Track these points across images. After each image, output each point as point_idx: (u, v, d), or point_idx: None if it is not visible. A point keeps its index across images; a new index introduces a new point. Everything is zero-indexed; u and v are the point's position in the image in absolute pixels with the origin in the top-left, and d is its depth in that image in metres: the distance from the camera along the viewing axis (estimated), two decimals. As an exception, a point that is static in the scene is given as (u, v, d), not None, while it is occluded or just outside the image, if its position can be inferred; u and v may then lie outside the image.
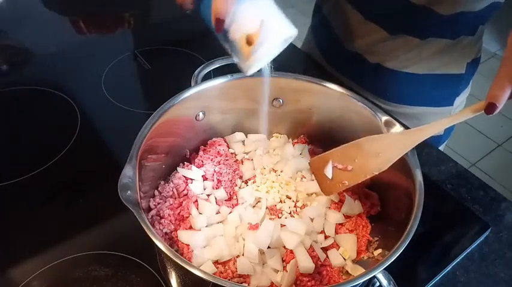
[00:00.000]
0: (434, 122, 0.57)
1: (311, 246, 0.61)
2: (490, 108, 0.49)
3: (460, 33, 0.82)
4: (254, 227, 0.61)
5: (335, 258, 0.60)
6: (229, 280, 0.57)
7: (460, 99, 0.93)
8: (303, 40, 1.11)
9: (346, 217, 0.65)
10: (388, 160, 0.58)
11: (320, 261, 0.60)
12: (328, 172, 0.63)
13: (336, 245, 0.63)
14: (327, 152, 0.64)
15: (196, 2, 0.50)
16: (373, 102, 0.67)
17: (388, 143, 0.59)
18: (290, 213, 0.65)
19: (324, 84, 0.68)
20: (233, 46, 0.48)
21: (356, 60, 0.91)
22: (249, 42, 0.46)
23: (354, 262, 0.61)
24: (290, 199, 0.67)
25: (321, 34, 1.03)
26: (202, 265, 0.57)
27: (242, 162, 0.73)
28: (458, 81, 0.90)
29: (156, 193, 0.65)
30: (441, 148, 1.01)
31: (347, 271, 0.60)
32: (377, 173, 0.59)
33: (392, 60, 0.88)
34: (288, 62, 1.00)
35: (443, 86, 0.90)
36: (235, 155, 0.74)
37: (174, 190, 0.66)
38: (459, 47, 0.84)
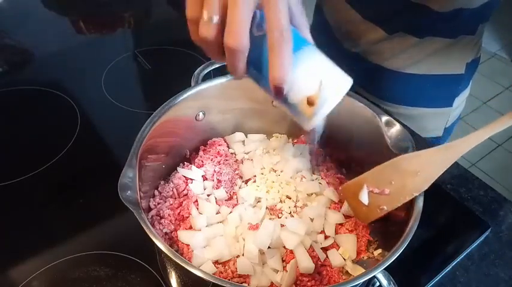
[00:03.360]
0: (473, 133, 0.53)
1: (311, 246, 0.60)
2: None
3: (459, 32, 0.82)
4: (254, 227, 0.61)
5: (335, 258, 0.60)
6: (229, 280, 0.57)
7: (460, 100, 0.93)
8: None
9: (346, 217, 0.65)
10: (429, 179, 0.54)
11: (320, 261, 0.60)
12: (364, 198, 0.58)
13: (336, 245, 0.63)
14: (360, 176, 0.60)
15: (252, 72, 0.47)
16: (373, 102, 0.67)
17: (427, 160, 0.55)
18: (290, 213, 0.65)
19: (324, 84, 0.68)
20: (293, 108, 0.47)
21: (355, 61, 0.91)
22: (310, 103, 0.45)
23: (354, 262, 0.61)
24: (290, 199, 0.67)
25: (320, 35, 1.03)
26: (202, 265, 0.57)
27: (242, 162, 0.73)
28: (458, 82, 0.89)
29: (156, 193, 0.65)
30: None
31: (347, 271, 0.60)
32: (417, 195, 0.54)
33: (391, 60, 0.88)
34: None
35: (443, 87, 0.90)
36: (235, 155, 0.74)
37: (174, 190, 0.66)
38: (458, 46, 0.84)
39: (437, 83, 0.88)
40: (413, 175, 0.55)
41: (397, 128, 0.61)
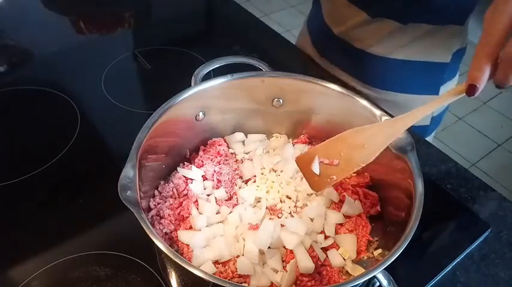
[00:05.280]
0: (415, 109, 0.56)
1: (311, 246, 0.61)
2: (470, 90, 0.49)
3: (444, 21, 0.83)
4: (254, 227, 0.62)
5: (335, 258, 0.60)
6: (229, 280, 0.57)
7: (447, 89, 0.95)
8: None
9: (346, 217, 0.65)
10: (373, 151, 0.58)
11: (320, 261, 0.60)
12: (315, 168, 0.62)
13: (335, 245, 0.63)
14: (312, 148, 0.64)
15: None
16: (370, 98, 0.67)
17: (371, 134, 0.58)
18: (290, 213, 0.65)
19: (324, 84, 0.68)
20: None
21: (343, 47, 0.94)
22: None
23: (354, 262, 0.61)
24: (290, 199, 0.67)
25: (313, 25, 1.06)
26: (202, 265, 0.57)
27: (242, 162, 0.73)
28: (443, 70, 0.91)
29: (156, 193, 0.65)
30: (429, 138, 1.02)
31: (347, 271, 0.60)
32: (363, 165, 0.59)
33: (375, 46, 0.90)
34: (282, 58, 1.00)
35: (427, 74, 0.91)
36: (235, 155, 0.74)
37: (174, 190, 0.66)
38: (443, 35, 0.85)
39: (421, 70, 0.90)
40: (360, 148, 0.59)
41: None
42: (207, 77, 0.69)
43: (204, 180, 0.68)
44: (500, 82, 0.48)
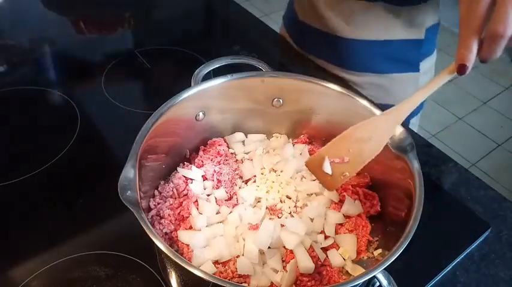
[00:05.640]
0: (411, 96, 0.58)
1: (311, 246, 0.60)
2: (461, 69, 0.51)
3: (408, 1, 0.85)
4: (254, 227, 0.61)
5: (335, 258, 0.60)
6: (229, 280, 0.57)
7: (427, 65, 0.96)
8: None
9: (346, 217, 0.65)
10: (380, 142, 0.59)
11: (320, 261, 0.60)
12: (327, 168, 0.63)
13: (335, 245, 0.63)
14: (320, 150, 0.64)
15: None
16: (356, 84, 0.67)
17: (376, 126, 0.60)
18: (290, 213, 0.65)
19: (324, 84, 0.68)
20: None
21: (315, 35, 0.95)
22: None
23: (354, 262, 0.61)
24: (290, 199, 0.67)
25: (288, 17, 1.08)
26: (202, 265, 0.57)
27: (242, 162, 0.73)
28: (419, 47, 0.93)
29: (156, 193, 0.65)
30: (414, 120, 1.03)
31: (347, 271, 0.60)
32: (373, 157, 0.60)
33: (345, 29, 0.91)
34: (282, 58, 1.00)
35: (405, 52, 0.93)
36: (235, 155, 0.74)
37: (174, 190, 0.66)
38: (412, 13, 0.87)
39: (398, 49, 0.92)
40: (367, 141, 0.60)
41: (396, 127, 0.61)
42: (207, 77, 0.69)
43: (204, 180, 0.68)
44: (485, 57, 0.51)
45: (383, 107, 0.64)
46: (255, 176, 0.70)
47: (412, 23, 0.89)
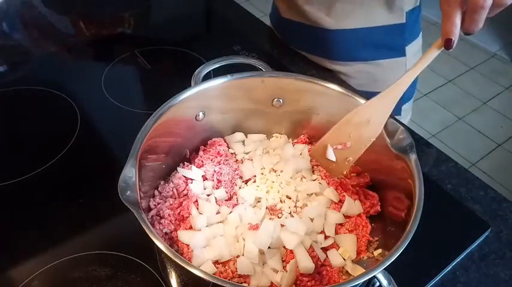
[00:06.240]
0: (403, 76, 0.59)
1: (311, 246, 0.60)
2: (447, 43, 0.53)
3: None
4: (254, 227, 0.61)
5: (335, 258, 0.60)
6: (229, 280, 0.57)
7: (413, 50, 0.97)
8: None
9: (346, 217, 0.65)
10: (379, 123, 0.61)
11: (320, 261, 0.60)
12: (331, 155, 0.66)
13: (335, 245, 0.63)
14: (321, 139, 0.67)
15: None
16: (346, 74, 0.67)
17: (373, 108, 0.62)
18: (290, 213, 0.65)
19: (324, 84, 0.68)
20: None
21: (299, 30, 0.96)
22: None
23: (354, 262, 0.61)
24: (290, 199, 0.67)
25: (272, 14, 1.10)
26: (202, 265, 0.57)
27: (242, 162, 0.73)
28: (402, 31, 0.94)
29: (156, 193, 0.65)
30: (406, 106, 1.04)
31: (347, 271, 0.60)
32: (374, 139, 0.62)
33: (327, 21, 0.92)
34: (282, 59, 1.00)
35: (389, 38, 0.94)
36: (235, 155, 0.74)
37: (174, 190, 0.66)
38: None
39: (381, 35, 0.93)
40: (366, 124, 0.62)
41: (397, 127, 0.61)
42: (207, 77, 0.69)
43: (204, 180, 0.68)
44: (468, 29, 0.53)
45: (373, 95, 0.64)
46: (255, 176, 0.70)
47: (391, 8, 0.90)
